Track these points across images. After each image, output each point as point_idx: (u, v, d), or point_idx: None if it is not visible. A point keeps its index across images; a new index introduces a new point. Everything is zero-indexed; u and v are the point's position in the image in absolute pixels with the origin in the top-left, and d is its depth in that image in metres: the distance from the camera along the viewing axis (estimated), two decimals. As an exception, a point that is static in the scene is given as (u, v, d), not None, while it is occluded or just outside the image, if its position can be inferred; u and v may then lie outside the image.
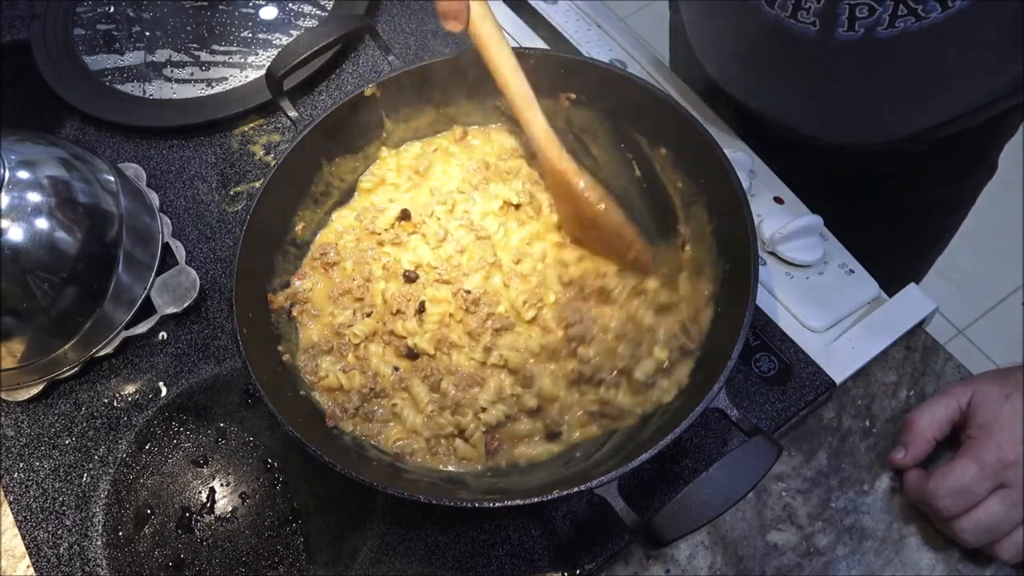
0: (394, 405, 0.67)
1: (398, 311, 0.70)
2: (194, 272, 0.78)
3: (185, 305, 0.77)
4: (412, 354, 0.68)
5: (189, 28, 0.97)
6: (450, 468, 0.65)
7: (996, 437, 0.60)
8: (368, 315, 0.71)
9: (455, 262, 0.72)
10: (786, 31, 0.70)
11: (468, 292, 0.70)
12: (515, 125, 0.80)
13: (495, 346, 0.68)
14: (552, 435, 0.65)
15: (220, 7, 0.98)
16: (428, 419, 0.66)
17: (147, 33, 0.97)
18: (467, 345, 0.69)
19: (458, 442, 0.65)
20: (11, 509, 0.71)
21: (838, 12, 0.66)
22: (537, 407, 0.65)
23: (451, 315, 0.70)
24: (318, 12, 0.97)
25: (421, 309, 0.69)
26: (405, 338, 0.69)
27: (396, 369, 0.69)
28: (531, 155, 0.79)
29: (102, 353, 0.76)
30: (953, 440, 0.65)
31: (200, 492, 0.70)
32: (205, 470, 0.71)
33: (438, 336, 0.69)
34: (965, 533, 0.61)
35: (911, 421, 0.65)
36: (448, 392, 0.66)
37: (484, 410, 0.65)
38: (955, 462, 0.61)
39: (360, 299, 0.72)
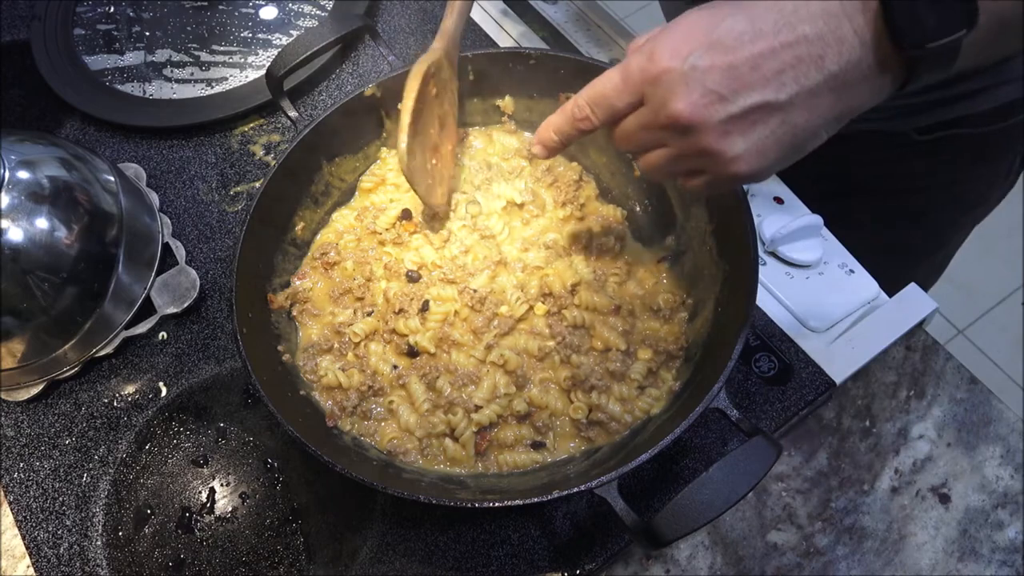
0: (391, 402, 0.67)
1: (401, 310, 0.70)
2: (194, 272, 0.78)
3: (185, 305, 0.77)
4: (413, 352, 0.68)
5: (189, 28, 0.97)
6: (442, 468, 0.65)
7: (653, 46, 0.47)
8: (369, 314, 0.71)
9: (460, 262, 0.72)
10: None
11: (475, 291, 0.70)
12: (517, 125, 0.80)
13: (497, 344, 0.68)
14: (537, 444, 0.65)
15: (220, 7, 0.98)
16: (422, 418, 0.66)
17: (147, 33, 0.97)
18: (468, 343, 0.69)
19: (448, 442, 0.65)
20: (11, 509, 0.71)
21: None
22: (527, 412, 0.66)
23: (456, 313, 0.70)
24: (318, 12, 0.97)
25: (424, 308, 0.69)
26: (406, 336, 0.69)
27: (395, 367, 0.69)
28: (533, 154, 0.79)
29: (102, 353, 0.76)
30: None
31: (200, 492, 0.70)
32: (205, 470, 0.71)
33: (440, 335, 0.69)
34: (618, 143, 0.53)
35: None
36: (443, 390, 0.66)
37: (478, 408, 0.65)
38: (607, 71, 0.51)
39: (361, 298, 0.72)
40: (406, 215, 0.75)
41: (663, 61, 0.46)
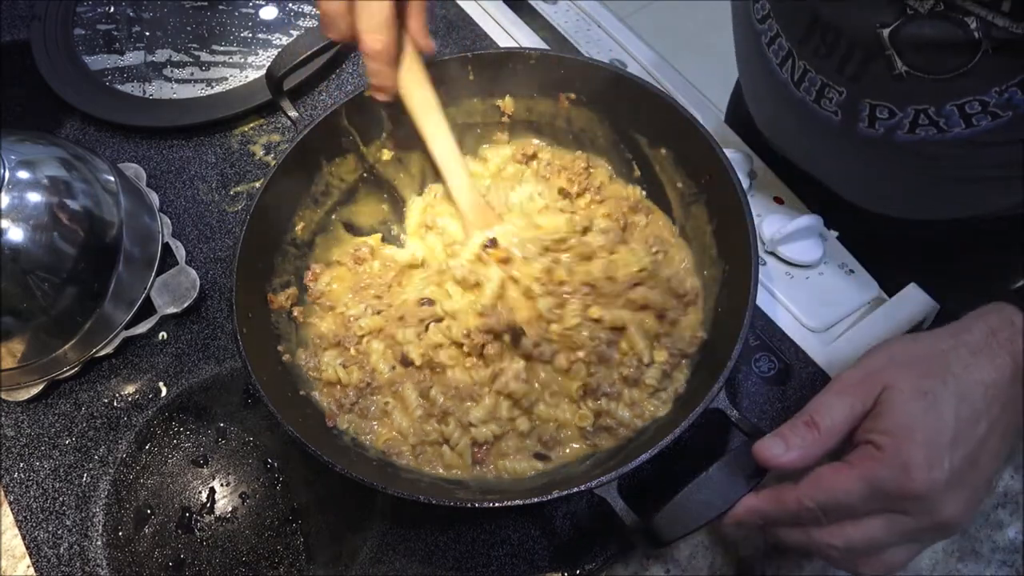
0: (386, 403, 0.67)
1: (401, 317, 0.69)
2: (194, 272, 0.78)
3: (185, 305, 0.77)
4: (406, 361, 0.68)
5: (189, 28, 0.97)
6: (439, 471, 0.64)
7: (903, 455, 0.46)
8: (379, 313, 0.71)
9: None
10: (811, 112, 0.70)
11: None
12: (510, 135, 0.79)
13: (501, 372, 0.65)
14: (540, 456, 0.64)
15: (220, 7, 0.98)
16: (415, 423, 0.65)
17: (147, 33, 0.97)
18: (462, 364, 0.67)
19: (444, 449, 0.64)
20: (11, 509, 0.71)
21: (859, 109, 0.65)
22: (530, 429, 0.64)
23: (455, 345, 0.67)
24: (318, 12, 0.97)
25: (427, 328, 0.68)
26: (402, 345, 0.68)
27: (393, 368, 0.69)
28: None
29: (102, 353, 0.76)
30: None
31: (200, 492, 0.70)
32: (205, 470, 0.71)
33: (428, 356, 0.67)
34: (828, 549, 0.49)
35: (814, 424, 0.49)
36: (436, 400, 0.65)
37: (473, 426, 0.64)
38: (843, 472, 0.47)
39: (379, 297, 0.72)
40: (492, 243, 0.67)
41: (923, 474, 0.45)
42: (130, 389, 0.76)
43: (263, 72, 0.88)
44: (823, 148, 0.77)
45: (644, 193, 0.75)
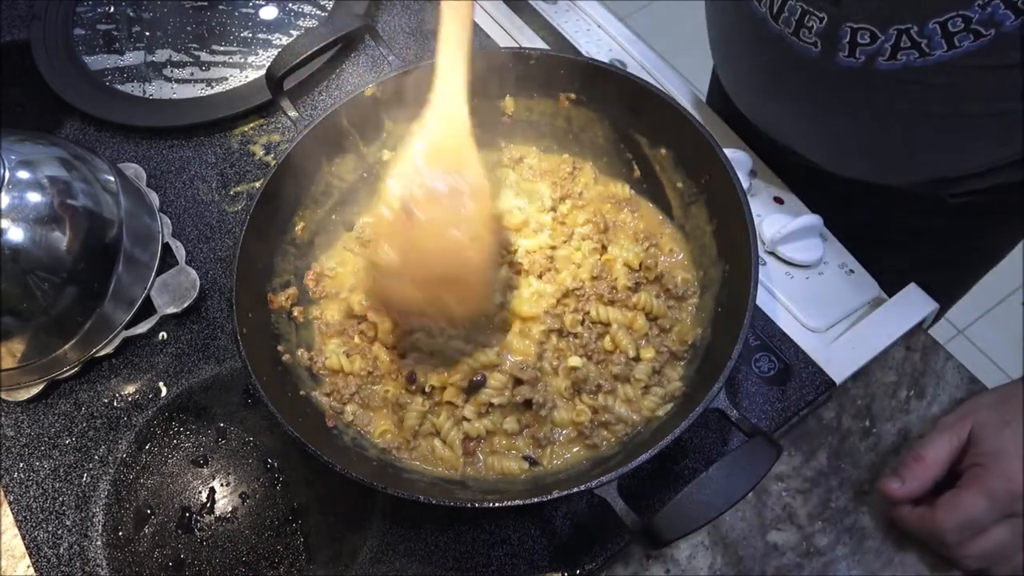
0: (387, 391, 0.67)
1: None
2: (194, 272, 0.78)
3: (185, 305, 0.77)
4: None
5: (189, 28, 0.97)
6: (432, 470, 0.64)
7: (1004, 466, 0.58)
8: None
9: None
10: (789, 48, 0.69)
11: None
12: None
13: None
14: (531, 460, 0.64)
15: (220, 7, 0.98)
16: (410, 413, 0.66)
17: (147, 33, 0.97)
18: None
19: (436, 442, 0.65)
20: (11, 509, 0.71)
21: (839, 35, 0.65)
22: (521, 429, 0.65)
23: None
24: (318, 12, 0.97)
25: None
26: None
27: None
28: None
29: (102, 353, 0.76)
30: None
31: (200, 492, 0.70)
32: (205, 470, 0.71)
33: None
34: (969, 560, 0.60)
35: (920, 456, 0.63)
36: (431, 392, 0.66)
37: (467, 420, 0.64)
38: (963, 493, 0.60)
39: None
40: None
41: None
42: (130, 389, 0.76)
43: (263, 72, 0.88)
44: (799, 97, 0.76)
45: (631, 190, 0.75)
